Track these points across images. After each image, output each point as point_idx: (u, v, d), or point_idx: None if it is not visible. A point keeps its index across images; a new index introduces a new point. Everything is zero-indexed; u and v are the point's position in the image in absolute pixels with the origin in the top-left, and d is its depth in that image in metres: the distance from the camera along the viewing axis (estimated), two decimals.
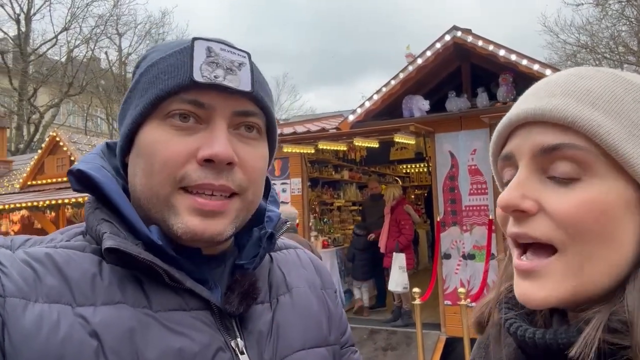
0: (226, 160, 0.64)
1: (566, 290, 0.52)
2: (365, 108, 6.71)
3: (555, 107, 0.53)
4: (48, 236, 0.68)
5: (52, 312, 0.57)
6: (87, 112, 23.16)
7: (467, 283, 6.01)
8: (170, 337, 0.61)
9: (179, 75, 0.64)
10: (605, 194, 0.51)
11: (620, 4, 16.81)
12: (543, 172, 0.54)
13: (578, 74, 0.56)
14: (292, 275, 0.82)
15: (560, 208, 0.51)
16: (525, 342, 0.56)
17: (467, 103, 6.23)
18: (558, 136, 0.52)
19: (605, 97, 0.52)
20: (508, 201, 0.54)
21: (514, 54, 5.82)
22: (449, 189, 6.26)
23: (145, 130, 0.67)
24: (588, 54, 19.75)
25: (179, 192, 0.65)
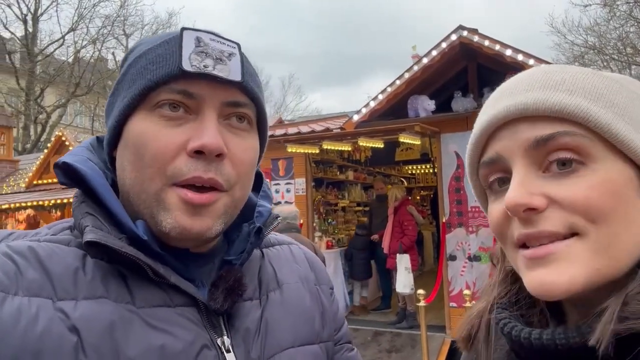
0: (216, 152, 0.63)
1: (590, 273, 0.49)
2: (370, 108, 6.68)
3: (539, 99, 0.51)
4: (34, 230, 0.66)
5: (31, 306, 0.56)
6: (94, 113, 23.28)
7: (473, 285, 5.96)
8: (152, 334, 0.60)
9: (168, 65, 0.63)
10: (609, 175, 0.50)
11: (628, 5, 16.70)
12: (539, 167, 0.52)
13: (544, 70, 0.56)
14: (284, 271, 0.81)
15: (573, 196, 0.50)
16: (520, 343, 0.53)
17: (473, 103, 6.19)
18: (549, 127, 0.51)
19: (581, 84, 0.52)
20: (517, 201, 0.51)
21: (520, 53, 5.78)
22: (454, 190, 6.21)
23: (133, 122, 0.65)
24: (596, 55, 19.64)
25: (169, 188, 0.63)
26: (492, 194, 0.57)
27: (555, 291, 0.50)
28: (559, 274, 0.50)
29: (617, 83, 0.54)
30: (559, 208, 0.50)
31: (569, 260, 0.50)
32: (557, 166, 0.51)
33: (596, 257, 0.49)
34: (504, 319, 0.57)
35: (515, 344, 0.55)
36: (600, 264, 0.49)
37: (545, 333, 0.51)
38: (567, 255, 0.50)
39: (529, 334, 0.52)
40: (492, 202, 0.57)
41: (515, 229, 0.53)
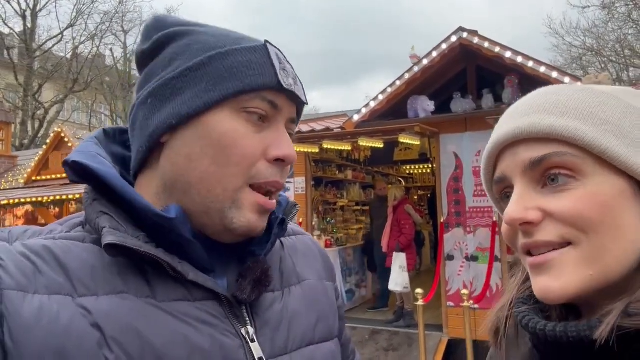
0: (293, 162, 0.70)
1: (584, 279, 0.54)
2: (370, 108, 6.71)
3: (532, 123, 0.57)
4: (47, 227, 0.67)
5: (52, 304, 0.56)
6: (92, 109, 23.22)
7: (470, 285, 6.00)
8: (176, 324, 0.61)
9: (265, 75, 0.67)
10: (599, 188, 0.54)
11: (627, 7, 16.77)
12: (537, 183, 0.57)
13: (544, 92, 0.61)
14: (303, 265, 0.83)
15: (565, 208, 0.54)
16: (536, 335, 0.57)
17: (472, 104, 6.22)
18: (542, 148, 0.56)
19: (573, 105, 0.57)
20: (514, 215, 0.56)
21: (520, 56, 5.81)
22: (453, 190, 6.25)
23: (216, 117, 0.66)
24: (594, 56, 19.71)
25: (247, 188, 0.67)
26: (505, 207, 0.62)
27: (552, 295, 0.55)
28: (554, 280, 0.55)
29: (613, 99, 0.58)
30: (552, 220, 0.55)
31: (562, 267, 0.55)
32: (550, 182, 0.56)
33: (588, 264, 0.54)
34: (522, 312, 0.60)
35: (534, 337, 0.58)
36: (592, 270, 0.54)
37: (559, 326, 0.55)
38: (561, 262, 0.55)
39: (545, 326, 0.56)
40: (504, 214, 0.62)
41: (519, 238, 0.59)
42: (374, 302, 7.66)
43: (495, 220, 5.91)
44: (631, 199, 0.55)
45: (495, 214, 5.92)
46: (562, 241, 0.55)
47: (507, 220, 0.57)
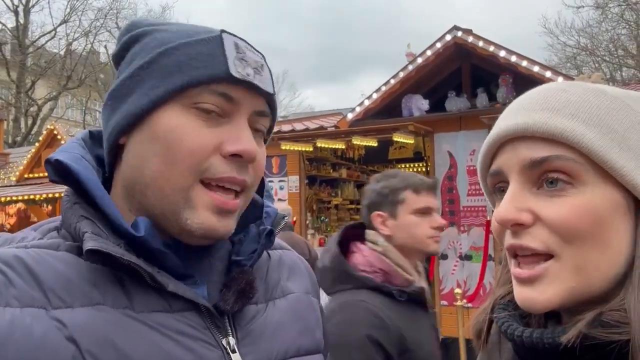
0: (252, 157, 0.65)
1: (566, 292, 0.54)
2: (365, 106, 6.71)
3: (538, 121, 0.55)
4: (19, 234, 0.65)
5: (24, 317, 0.54)
6: (86, 106, 23.11)
7: (464, 284, 6.02)
8: (155, 336, 0.59)
9: (214, 66, 0.64)
10: (595, 199, 0.53)
11: (620, 8, 16.88)
12: (533, 184, 0.56)
13: (555, 88, 0.58)
14: (289, 278, 0.81)
15: (556, 216, 0.53)
16: (514, 342, 0.58)
17: (466, 103, 6.23)
18: (544, 149, 0.54)
19: (584, 108, 0.55)
20: (505, 216, 0.55)
21: (514, 55, 5.83)
22: (447, 190, 6.26)
23: (165, 115, 0.64)
24: (588, 56, 19.82)
25: (199, 185, 0.64)
26: (497, 200, 0.61)
27: (536, 307, 0.56)
28: (539, 294, 0.55)
29: (623, 105, 0.56)
30: (542, 226, 0.54)
31: (546, 282, 0.55)
32: (547, 185, 0.55)
33: (571, 277, 0.54)
34: (502, 318, 0.61)
35: (514, 343, 0.59)
36: (575, 282, 0.54)
37: (535, 332, 0.55)
38: (546, 277, 0.55)
39: (522, 332, 0.56)
40: (496, 208, 0.61)
41: (507, 238, 0.58)
42: None
43: (489, 219, 5.93)
44: (624, 213, 0.54)
45: (489, 213, 5.94)
46: (546, 250, 0.54)
47: (498, 220, 0.57)
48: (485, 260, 5.89)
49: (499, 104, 6.06)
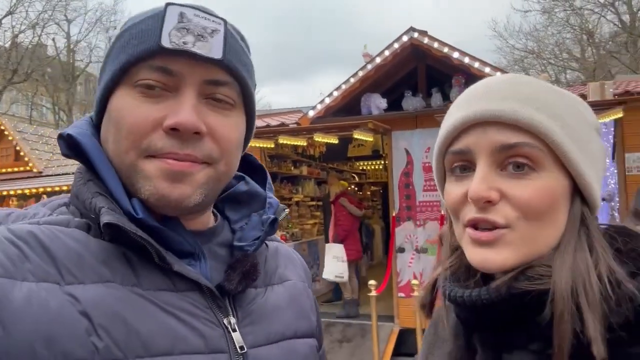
0: (192, 130, 0.63)
1: (519, 256, 0.62)
2: (325, 104, 6.82)
3: (512, 110, 0.61)
4: (30, 210, 0.66)
5: (40, 291, 0.55)
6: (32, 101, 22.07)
7: (420, 275, 6.22)
8: (161, 314, 0.61)
9: (148, 40, 0.63)
10: (552, 183, 0.62)
11: (565, 13, 17.75)
12: (498, 166, 0.63)
13: (523, 81, 0.65)
14: (285, 267, 0.84)
15: (521, 195, 0.61)
16: (457, 303, 0.65)
17: (422, 103, 6.44)
18: (514, 135, 0.61)
19: (549, 103, 0.62)
20: (479, 193, 0.62)
21: (467, 56, 6.07)
22: (404, 185, 6.46)
23: (115, 96, 0.66)
24: (534, 59, 20.73)
25: (145, 159, 0.64)
26: (453, 177, 0.68)
27: (493, 266, 0.63)
28: (496, 255, 0.62)
29: (575, 106, 0.65)
30: (507, 203, 0.62)
31: (504, 246, 0.62)
32: (513, 168, 0.62)
33: (525, 245, 0.62)
34: (446, 285, 0.68)
35: (457, 306, 0.66)
36: (527, 249, 0.62)
37: (474, 292, 0.63)
38: (504, 242, 0.62)
39: (463, 293, 0.64)
40: (451, 183, 0.68)
41: (468, 211, 0.64)
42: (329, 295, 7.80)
43: (443, 213, 6.16)
44: (567, 195, 0.63)
45: (443, 207, 6.18)
46: (505, 224, 0.62)
47: (472, 196, 0.62)
48: (439, 253, 6.11)
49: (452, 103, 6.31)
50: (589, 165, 0.64)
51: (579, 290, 0.58)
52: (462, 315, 0.67)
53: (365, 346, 5.87)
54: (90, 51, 22.35)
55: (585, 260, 0.60)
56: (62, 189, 8.28)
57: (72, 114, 22.48)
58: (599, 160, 0.66)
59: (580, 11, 16.94)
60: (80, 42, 22.12)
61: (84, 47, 22.40)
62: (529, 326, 0.62)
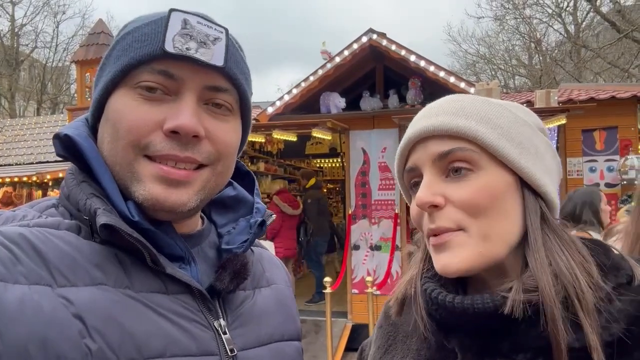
0: (191, 133, 0.64)
1: (474, 256, 0.65)
2: (285, 101, 6.83)
3: (442, 122, 0.67)
4: (19, 212, 0.66)
5: (32, 294, 0.55)
6: None
7: (373, 272, 6.37)
8: (153, 316, 0.62)
9: (151, 44, 0.64)
10: (490, 180, 0.66)
11: (515, 21, 18.49)
12: (442, 173, 0.68)
13: (453, 99, 0.72)
14: (271, 271, 0.86)
15: (460, 195, 0.66)
16: (444, 306, 0.66)
17: (379, 103, 6.57)
18: (448, 144, 0.67)
19: (476, 111, 0.68)
20: (423, 199, 0.66)
21: (423, 60, 6.24)
22: (360, 184, 6.57)
23: (114, 97, 0.67)
24: (485, 64, 21.50)
25: (142, 158, 0.64)
26: (413, 194, 0.73)
27: (451, 269, 0.65)
28: (452, 257, 0.65)
29: (504, 109, 0.70)
30: (452, 206, 0.66)
31: (457, 247, 0.65)
32: (453, 172, 0.66)
33: (478, 244, 0.64)
34: (431, 287, 0.69)
35: (439, 307, 0.67)
36: (482, 248, 0.64)
37: (466, 299, 0.64)
38: (457, 243, 0.65)
39: (453, 299, 0.65)
40: (413, 201, 0.73)
41: (425, 224, 0.69)
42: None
43: (397, 212, 6.34)
44: (513, 191, 0.66)
45: (397, 207, 6.36)
46: (457, 227, 0.65)
47: (417, 203, 0.67)
48: (392, 250, 6.27)
49: (408, 105, 6.49)
50: (532, 159, 0.67)
51: (571, 297, 0.60)
52: (445, 319, 0.68)
53: (319, 342, 5.94)
54: (36, 36, 21.23)
55: (566, 263, 0.63)
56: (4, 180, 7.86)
57: (14, 100, 21.28)
58: (544, 156, 0.70)
59: (529, 20, 17.71)
60: (25, 25, 20.96)
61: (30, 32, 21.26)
62: (516, 334, 0.63)
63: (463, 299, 0.65)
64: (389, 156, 6.43)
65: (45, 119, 12.27)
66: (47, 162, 9.31)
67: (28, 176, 7.74)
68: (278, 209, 6.91)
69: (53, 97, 22.39)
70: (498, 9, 18.02)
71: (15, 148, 10.41)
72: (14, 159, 9.92)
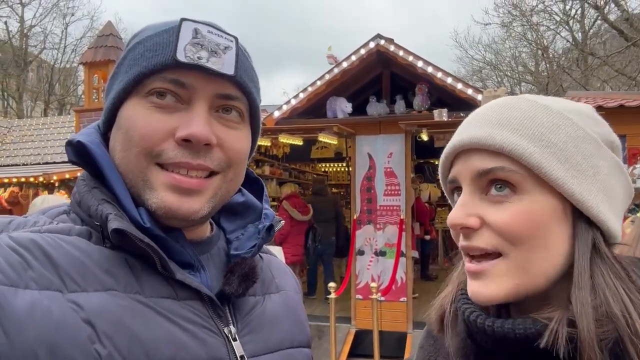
0: (204, 141, 0.65)
1: (509, 288, 0.60)
2: (291, 105, 6.83)
3: (484, 135, 0.61)
4: (31, 218, 0.66)
5: (42, 299, 0.55)
6: None
7: (378, 278, 6.33)
8: (163, 322, 0.62)
9: (163, 54, 0.65)
10: (533, 206, 0.59)
11: (522, 28, 18.46)
12: (482, 191, 0.62)
13: (505, 104, 0.64)
14: (280, 278, 0.86)
15: (499, 220, 0.59)
16: (483, 330, 0.61)
17: (386, 109, 6.56)
18: (491, 161, 0.60)
19: (527, 124, 0.60)
20: (455, 220, 0.61)
21: (430, 66, 6.22)
22: (366, 189, 6.55)
23: (126, 106, 0.67)
24: (492, 70, 21.50)
25: (155, 167, 0.65)
26: (453, 202, 0.69)
27: (481, 299, 0.61)
28: (483, 287, 0.61)
29: (565, 120, 0.61)
30: (489, 229, 0.60)
31: (492, 277, 0.60)
32: (495, 190, 0.60)
33: (515, 275, 0.59)
34: (469, 309, 0.64)
35: (478, 331, 0.62)
36: (519, 279, 0.59)
37: (506, 323, 0.59)
38: (492, 273, 0.60)
39: (492, 322, 0.60)
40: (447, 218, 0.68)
41: (460, 239, 0.64)
42: None
43: (403, 218, 6.32)
44: (561, 218, 0.59)
45: (402, 212, 6.34)
46: (494, 250, 0.60)
47: (449, 224, 0.62)
48: (397, 256, 6.25)
49: (415, 110, 6.48)
50: (587, 183, 0.59)
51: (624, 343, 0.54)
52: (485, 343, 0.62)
53: (322, 347, 5.91)
54: (44, 37, 21.39)
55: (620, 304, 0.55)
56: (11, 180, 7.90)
57: (22, 101, 21.43)
58: (607, 178, 0.61)
59: (536, 27, 17.68)
60: (34, 27, 21.13)
61: (38, 33, 21.43)
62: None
63: (503, 322, 0.59)
64: (395, 162, 6.42)
65: (52, 119, 12.33)
66: (53, 162, 9.35)
67: (35, 177, 7.77)
68: (287, 214, 6.90)
69: (60, 98, 22.54)
70: (505, 15, 18.01)
71: (23, 148, 10.46)
72: (21, 159, 9.97)
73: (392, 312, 6.24)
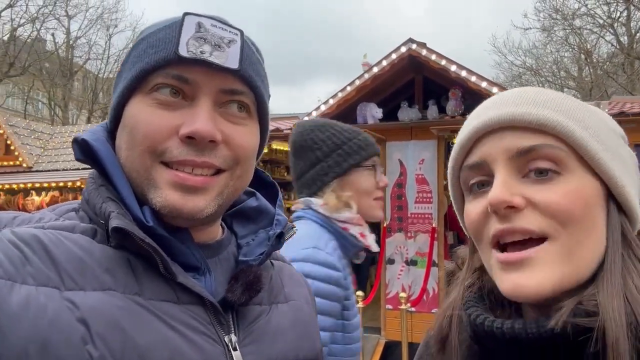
0: (208, 138, 0.63)
1: (557, 278, 0.55)
2: (321, 111, 6.79)
3: (525, 112, 0.57)
4: (37, 214, 0.65)
5: (39, 295, 0.54)
6: (28, 95, 21.97)
7: (409, 288, 6.19)
8: (161, 326, 0.60)
9: (165, 49, 0.63)
10: (582, 185, 0.56)
11: (564, 32, 17.90)
12: (519, 172, 0.58)
13: (535, 89, 0.62)
14: (290, 287, 0.82)
15: (548, 199, 0.55)
16: (492, 333, 0.57)
17: (418, 114, 6.43)
18: (532, 139, 0.57)
19: (565, 106, 0.59)
20: (500, 198, 0.56)
21: (464, 70, 6.07)
22: (396, 197, 6.43)
23: (131, 104, 0.66)
24: (532, 76, 20.89)
25: (159, 165, 0.64)
26: (471, 195, 0.62)
27: (527, 293, 0.55)
28: (530, 277, 0.55)
29: (591, 110, 0.61)
30: (535, 209, 0.56)
31: (539, 264, 0.54)
32: (535, 174, 0.57)
33: (563, 262, 0.55)
34: (476, 312, 0.60)
35: (487, 334, 0.58)
36: (567, 268, 0.55)
37: (517, 323, 0.55)
38: (539, 259, 0.55)
39: (502, 324, 0.56)
40: (471, 202, 0.62)
41: (491, 226, 0.58)
42: None
43: (435, 226, 6.14)
44: (602, 202, 0.58)
45: (434, 221, 6.15)
46: (540, 233, 0.55)
47: (493, 202, 0.56)
48: (429, 266, 6.08)
49: (448, 116, 6.31)
50: (621, 170, 0.58)
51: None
52: (491, 346, 0.59)
53: None
54: (89, 48, 22.34)
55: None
56: (51, 185, 8.18)
57: (67, 109, 22.39)
58: (631, 167, 0.61)
59: (579, 31, 17.10)
60: (79, 38, 22.09)
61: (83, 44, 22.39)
62: None
63: (513, 323, 0.56)
64: (426, 168, 6.26)
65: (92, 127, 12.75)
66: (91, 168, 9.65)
67: (73, 181, 8.02)
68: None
69: (104, 106, 23.41)
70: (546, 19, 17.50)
71: (63, 154, 10.85)
72: (62, 164, 10.33)
73: (424, 324, 6.04)
